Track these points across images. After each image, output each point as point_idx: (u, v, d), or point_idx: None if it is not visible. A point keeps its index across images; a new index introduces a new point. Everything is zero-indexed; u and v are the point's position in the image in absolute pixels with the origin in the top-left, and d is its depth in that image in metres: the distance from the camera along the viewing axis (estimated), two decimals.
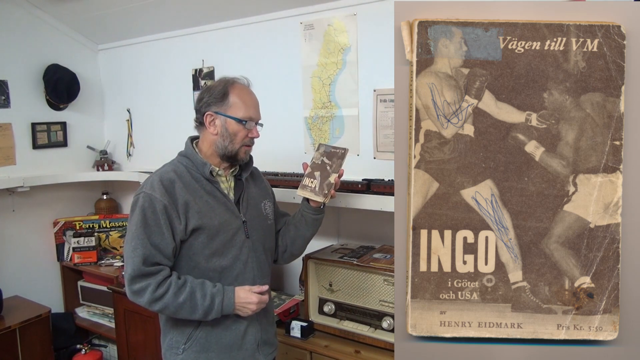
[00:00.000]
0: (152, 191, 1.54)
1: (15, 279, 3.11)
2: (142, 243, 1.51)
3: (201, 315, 1.55)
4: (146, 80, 3.27)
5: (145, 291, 1.50)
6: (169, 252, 1.55)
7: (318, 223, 1.85)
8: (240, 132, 1.62)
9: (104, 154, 3.48)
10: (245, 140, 1.64)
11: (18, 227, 3.17)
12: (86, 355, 3.04)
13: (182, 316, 1.56)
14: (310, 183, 1.74)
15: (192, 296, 1.53)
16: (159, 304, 1.51)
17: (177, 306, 1.52)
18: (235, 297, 1.58)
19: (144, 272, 1.50)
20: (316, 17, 2.41)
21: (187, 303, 1.52)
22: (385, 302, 2.02)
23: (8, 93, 3.04)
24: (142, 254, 1.50)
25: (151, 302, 1.51)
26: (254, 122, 1.65)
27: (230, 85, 1.63)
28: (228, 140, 1.62)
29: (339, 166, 1.75)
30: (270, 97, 2.60)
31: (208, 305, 1.54)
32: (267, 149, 2.56)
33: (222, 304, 1.56)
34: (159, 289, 1.50)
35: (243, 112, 1.61)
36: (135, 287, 1.51)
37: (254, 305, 1.60)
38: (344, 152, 1.77)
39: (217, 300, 1.56)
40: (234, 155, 1.65)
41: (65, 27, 3.30)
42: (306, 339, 2.12)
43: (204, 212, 1.58)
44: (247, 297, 1.60)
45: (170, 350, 1.65)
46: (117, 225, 3.42)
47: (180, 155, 1.69)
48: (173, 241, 1.55)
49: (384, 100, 2.25)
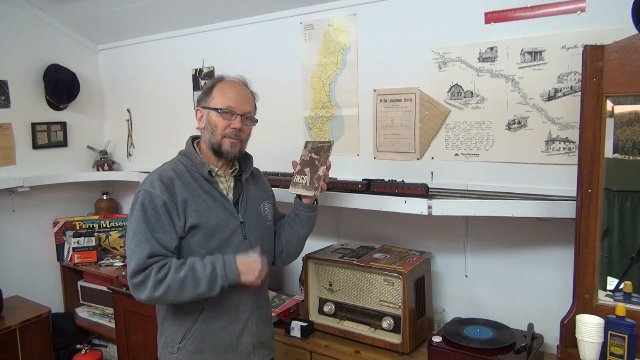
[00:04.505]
0: (151, 188, 1.54)
1: (15, 279, 3.11)
2: (146, 237, 1.50)
3: (206, 287, 1.48)
4: (146, 80, 3.27)
5: (147, 279, 1.47)
6: (173, 247, 1.53)
7: (312, 221, 1.83)
8: (220, 123, 1.61)
9: (104, 154, 3.48)
10: (226, 131, 1.62)
11: (18, 227, 3.17)
12: (86, 355, 3.05)
13: (188, 295, 1.48)
14: (301, 180, 1.75)
15: (193, 269, 1.49)
16: (162, 286, 1.46)
17: (180, 282, 1.47)
18: (237, 262, 1.54)
19: (147, 264, 1.48)
20: (316, 17, 2.41)
21: (189, 277, 1.48)
22: (385, 302, 2.02)
23: (8, 93, 3.04)
24: (147, 247, 1.48)
25: (155, 285, 1.46)
26: (235, 114, 1.63)
27: (217, 82, 1.67)
28: (210, 132, 1.63)
29: (326, 159, 1.76)
30: (270, 97, 2.60)
31: (210, 274, 1.48)
32: (267, 149, 2.57)
33: (224, 269, 1.50)
34: (160, 271, 1.47)
35: (221, 102, 1.62)
36: (137, 280, 1.47)
37: (258, 264, 1.55)
38: (330, 144, 1.78)
39: (218, 266, 1.50)
40: (218, 148, 1.63)
41: (65, 27, 3.30)
42: (306, 339, 2.12)
43: (201, 210, 1.58)
44: (248, 258, 1.55)
45: (165, 349, 1.64)
46: (117, 225, 3.42)
47: (181, 154, 1.70)
48: (176, 237, 1.54)
49: (384, 100, 2.25)
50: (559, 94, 1.83)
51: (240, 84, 1.70)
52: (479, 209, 1.85)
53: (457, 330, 1.88)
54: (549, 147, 1.87)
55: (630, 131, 1.64)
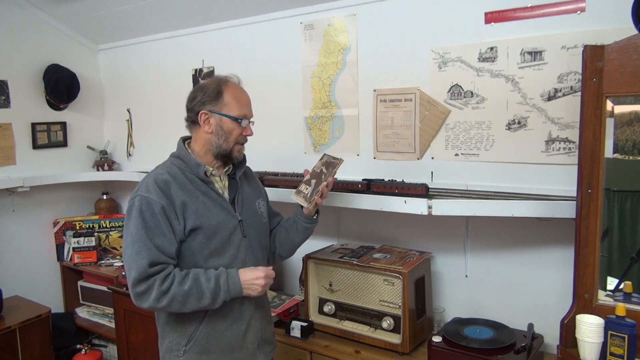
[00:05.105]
0: (148, 193, 1.52)
1: (15, 279, 3.11)
2: (146, 245, 1.49)
3: (210, 300, 1.51)
4: (146, 80, 3.27)
5: (151, 289, 1.47)
6: (172, 252, 1.53)
7: (308, 232, 1.84)
8: (235, 130, 1.63)
9: (104, 154, 3.48)
10: (239, 139, 1.65)
11: (18, 227, 3.17)
12: (86, 355, 3.05)
13: (190, 307, 1.51)
14: (305, 189, 1.77)
15: (197, 282, 1.51)
16: (166, 298, 1.47)
17: (184, 295, 1.49)
18: (241, 274, 1.56)
19: (149, 274, 1.48)
20: (316, 17, 2.41)
21: (193, 289, 1.49)
22: (385, 302, 2.02)
23: (8, 93, 3.04)
24: (147, 256, 1.48)
25: (159, 297, 1.47)
26: (247, 120, 1.66)
27: (223, 84, 1.65)
28: (222, 138, 1.62)
29: (330, 175, 1.78)
30: (271, 97, 2.61)
31: (214, 287, 1.51)
32: (267, 149, 2.57)
33: (227, 284, 1.53)
34: (164, 283, 1.48)
35: (238, 110, 1.62)
36: (140, 289, 1.47)
37: (262, 280, 1.57)
38: (338, 162, 1.79)
39: (222, 280, 1.53)
40: (228, 154, 1.65)
41: (65, 27, 3.30)
42: (306, 339, 2.12)
43: (201, 212, 1.57)
44: (252, 273, 1.58)
45: (170, 353, 1.63)
46: (117, 225, 3.42)
47: (173, 156, 1.68)
48: (175, 241, 1.54)
49: (384, 100, 2.25)
50: (559, 94, 1.83)
51: (241, 85, 1.70)
52: (479, 209, 1.85)
53: (457, 330, 1.88)
54: (549, 147, 1.87)
55: (630, 131, 1.64)
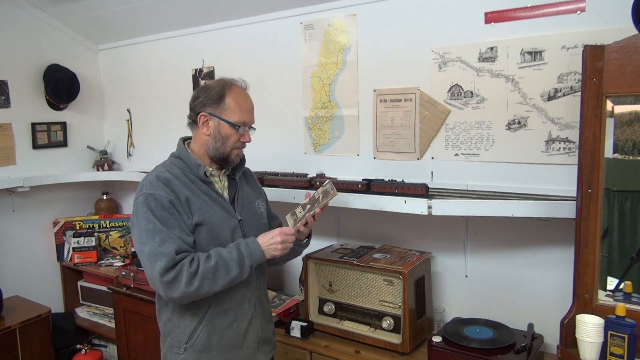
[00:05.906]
0: (153, 190, 1.52)
1: (15, 279, 3.11)
2: (168, 235, 1.48)
3: (237, 270, 1.51)
4: (146, 80, 3.27)
5: (180, 274, 1.46)
6: (191, 242, 1.53)
7: (294, 253, 1.80)
8: (232, 136, 1.62)
9: (104, 154, 3.48)
10: (237, 144, 1.64)
11: (18, 227, 3.17)
12: (86, 355, 3.05)
13: (221, 282, 1.50)
14: (299, 212, 1.74)
15: (220, 256, 1.51)
16: (197, 279, 1.46)
17: (213, 270, 1.48)
18: (258, 239, 1.58)
19: (177, 260, 1.46)
20: (316, 17, 2.41)
21: (219, 263, 1.50)
22: (385, 302, 2.02)
23: (8, 93, 3.04)
24: (173, 244, 1.47)
25: (190, 280, 1.45)
26: (247, 127, 1.65)
27: (227, 88, 1.62)
28: (220, 142, 1.61)
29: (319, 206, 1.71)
30: (270, 97, 2.61)
31: (237, 256, 1.52)
32: (267, 149, 2.57)
33: (248, 249, 1.54)
34: (192, 265, 1.47)
35: (237, 116, 1.61)
36: (169, 277, 1.45)
37: (278, 237, 1.58)
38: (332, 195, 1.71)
39: (242, 247, 1.54)
40: (225, 158, 1.64)
41: (65, 27, 3.30)
42: (306, 339, 2.12)
43: (204, 209, 1.58)
44: (267, 234, 1.60)
45: (172, 350, 1.63)
46: (117, 225, 3.42)
47: (173, 156, 1.67)
48: (190, 232, 1.54)
49: (384, 100, 2.25)
50: (559, 94, 1.83)
51: (246, 91, 1.68)
52: (479, 209, 1.85)
53: (457, 330, 1.88)
54: (549, 147, 1.87)
55: (630, 131, 1.64)
